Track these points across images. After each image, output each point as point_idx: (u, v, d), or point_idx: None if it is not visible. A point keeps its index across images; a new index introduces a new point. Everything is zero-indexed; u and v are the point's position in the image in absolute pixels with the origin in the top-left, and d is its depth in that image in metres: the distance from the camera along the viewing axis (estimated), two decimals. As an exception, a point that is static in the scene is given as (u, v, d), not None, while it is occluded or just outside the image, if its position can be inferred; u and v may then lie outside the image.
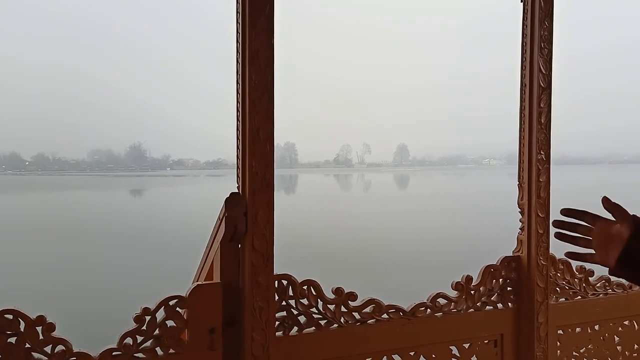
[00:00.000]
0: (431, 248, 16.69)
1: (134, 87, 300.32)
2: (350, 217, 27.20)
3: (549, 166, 2.53)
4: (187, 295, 1.81)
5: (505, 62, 2.95)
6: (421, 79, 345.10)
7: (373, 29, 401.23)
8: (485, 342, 2.44)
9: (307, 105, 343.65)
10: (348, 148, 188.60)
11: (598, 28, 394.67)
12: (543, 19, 2.43)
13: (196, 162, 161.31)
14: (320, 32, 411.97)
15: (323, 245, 17.54)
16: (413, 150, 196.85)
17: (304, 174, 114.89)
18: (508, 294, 2.51)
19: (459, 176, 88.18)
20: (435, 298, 2.34)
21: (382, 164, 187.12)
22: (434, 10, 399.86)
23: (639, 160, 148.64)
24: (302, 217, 26.42)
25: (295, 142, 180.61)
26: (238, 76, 1.86)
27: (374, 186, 67.93)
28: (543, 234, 2.51)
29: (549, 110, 2.50)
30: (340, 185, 73.56)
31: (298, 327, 2.01)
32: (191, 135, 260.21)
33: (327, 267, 12.88)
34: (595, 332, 2.72)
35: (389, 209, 31.05)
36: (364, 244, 18.18)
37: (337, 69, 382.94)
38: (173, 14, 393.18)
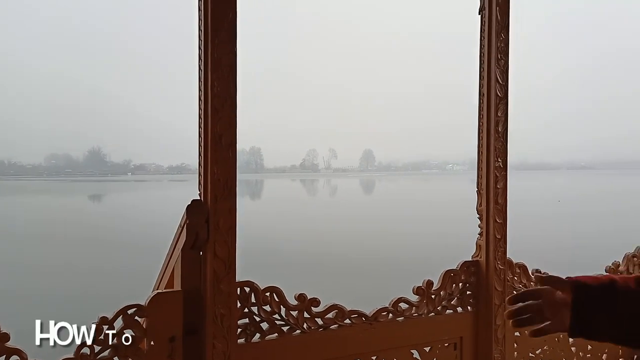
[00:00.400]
0: (395, 252, 16.88)
1: (94, 86, 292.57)
2: (317, 222, 27.25)
3: (506, 173, 2.61)
4: (146, 304, 1.78)
5: (469, 71, 3.07)
6: (388, 85, 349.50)
7: (342, 34, 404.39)
8: (445, 346, 2.49)
9: (273, 110, 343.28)
10: (314, 153, 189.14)
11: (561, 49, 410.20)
12: (499, 31, 2.51)
13: (159, 167, 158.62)
14: (288, 36, 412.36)
15: (289, 251, 17.50)
16: (379, 155, 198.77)
17: (270, 178, 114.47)
18: (467, 297, 2.57)
19: (424, 181, 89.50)
20: (397, 303, 2.37)
21: (349, 169, 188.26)
22: (402, 20, 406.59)
23: (593, 167, 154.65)
24: (268, 222, 26.32)
25: (261, 147, 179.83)
26: (200, 83, 1.86)
27: (340, 191, 68.28)
28: (501, 239, 2.58)
29: (506, 119, 2.58)
30: (307, 190, 73.64)
31: (260, 334, 2.01)
32: (154, 140, 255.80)
33: (293, 272, 12.85)
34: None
35: (355, 213, 31.26)
36: (330, 248, 18.22)
37: (304, 73, 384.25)
38: (136, 16, 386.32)
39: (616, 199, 30.58)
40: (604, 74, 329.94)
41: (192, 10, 1.90)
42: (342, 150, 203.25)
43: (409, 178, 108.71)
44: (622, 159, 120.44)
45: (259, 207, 40.28)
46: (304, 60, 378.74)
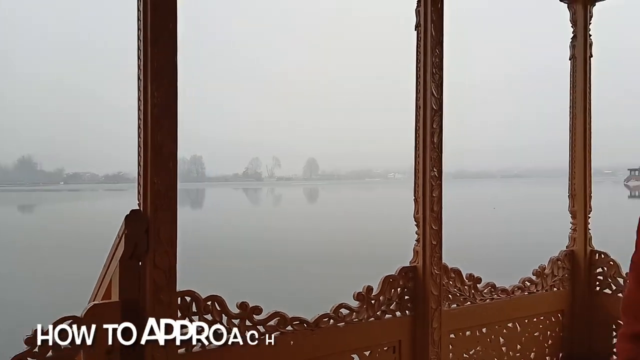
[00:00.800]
0: (338, 259, 17.05)
1: (22, 94, 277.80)
2: (260, 230, 27.04)
3: (441, 182, 2.73)
4: (82, 316, 1.74)
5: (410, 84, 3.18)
6: (332, 94, 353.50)
7: (282, 41, 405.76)
8: (384, 349, 2.56)
9: (215, 118, 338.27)
10: (257, 162, 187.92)
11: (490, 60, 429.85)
12: (434, 47, 2.63)
13: (94, 176, 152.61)
14: (229, 45, 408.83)
15: (232, 259, 17.28)
16: (322, 164, 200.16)
17: (211, 187, 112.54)
18: (405, 302, 2.66)
19: (367, 190, 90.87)
20: (337, 309, 2.42)
21: (292, 177, 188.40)
22: (350, 29, 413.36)
23: (526, 175, 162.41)
24: (210, 231, 25.87)
25: (203, 155, 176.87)
26: (140, 93, 1.84)
27: (284, 200, 68.12)
28: (436, 245, 2.70)
29: (441, 131, 2.70)
30: (250, 199, 72.95)
31: (201, 343, 2.00)
32: (89, 148, 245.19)
33: (236, 280, 12.72)
34: (483, 334, 2.95)
35: (299, 222, 31.30)
36: (274, 256, 18.18)
37: (245, 83, 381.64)
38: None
39: (543, 204, 32.21)
40: (529, 88, 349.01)
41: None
42: (286, 158, 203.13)
43: (353, 186, 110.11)
44: (543, 167, 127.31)
45: (200, 216, 39.50)
46: (245, 75, 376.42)
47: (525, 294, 3.14)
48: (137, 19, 1.84)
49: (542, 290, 3.22)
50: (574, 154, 3.39)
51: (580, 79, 3.33)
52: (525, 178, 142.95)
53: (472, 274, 2.92)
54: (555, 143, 17.58)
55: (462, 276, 2.87)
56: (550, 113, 46.76)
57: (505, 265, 6.24)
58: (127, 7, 4.91)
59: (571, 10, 3.32)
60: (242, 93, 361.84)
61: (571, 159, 3.41)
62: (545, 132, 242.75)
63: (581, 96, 3.34)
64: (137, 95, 1.86)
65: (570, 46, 3.35)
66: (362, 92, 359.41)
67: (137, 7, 1.84)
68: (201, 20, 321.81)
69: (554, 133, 29.37)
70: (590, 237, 3.40)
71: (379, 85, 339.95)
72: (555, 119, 21.24)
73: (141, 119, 1.86)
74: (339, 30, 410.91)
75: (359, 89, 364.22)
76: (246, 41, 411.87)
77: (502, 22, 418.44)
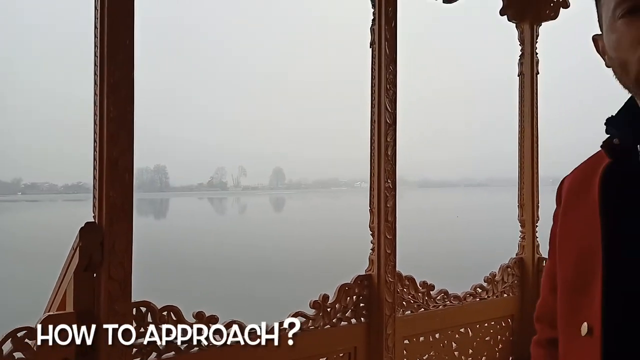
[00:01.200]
0: (301, 268, 17.12)
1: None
2: (225, 240, 26.82)
3: (395, 193, 2.83)
4: (36, 327, 1.75)
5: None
6: (298, 106, 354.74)
7: (249, 52, 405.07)
8: (340, 356, 2.63)
9: (179, 127, 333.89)
10: (223, 171, 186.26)
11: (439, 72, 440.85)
12: (388, 64, 2.74)
13: (53, 186, 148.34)
14: (194, 55, 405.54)
15: (192, 269, 17.09)
16: (289, 173, 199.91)
17: (175, 197, 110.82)
18: (361, 309, 2.74)
19: (333, 198, 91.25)
20: (294, 316, 2.48)
21: (258, 186, 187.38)
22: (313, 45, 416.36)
23: (488, 184, 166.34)
24: (172, 241, 25.49)
25: (166, 165, 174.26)
26: (95, 107, 1.87)
27: (250, 209, 67.69)
28: (391, 254, 2.79)
29: (395, 144, 2.81)
30: (215, 208, 72.17)
31: (157, 353, 2.02)
32: (47, 158, 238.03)
33: (195, 289, 12.60)
34: (436, 340, 3.06)
35: (265, 231, 31.18)
36: (238, 265, 18.10)
37: (210, 92, 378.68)
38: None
39: (499, 212, 33.13)
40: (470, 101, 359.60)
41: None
42: (252, 167, 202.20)
43: (319, 195, 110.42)
44: (502, 176, 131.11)
45: (164, 226, 38.86)
46: (209, 82, 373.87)
47: (476, 300, 3.27)
48: (94, 35, 1.87)
49: (493, 297, 3.36)
50: (522, 165, 3.57)
51: (527, 94, 3.51)
52: (487, 187, 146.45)
53: (426, 281, 3.03)
54: (511, 153, 18.34)
55: (416, 284, 2.97)
56: (504, 124, 49.28)
57: (462, 271, 6.42)
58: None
59: (519, 29, 3.51)
60: (210, 97, 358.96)
61: (520, 170, 3.58)
62: (501, 142, 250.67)
63: (529, 110, 3.52)
64: (92, 110, 1.89)
65: (518, 63, 3.54)
66: (331, 99, 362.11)
67: (94, 25, 1.88)
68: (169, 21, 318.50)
69: (510, 144, 30.53)
70: (538, 244, 3.57)
71: (349, 93, 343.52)
72: (510, 130, 22.00)
73: (97, 132, 1.89)
74: (308, 36, 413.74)
75: (327, 94, 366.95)
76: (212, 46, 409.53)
77: (458, 38, 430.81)
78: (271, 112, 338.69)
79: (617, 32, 0.82)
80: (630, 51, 0.80)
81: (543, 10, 3.41)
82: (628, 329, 0.77)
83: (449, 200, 73.81)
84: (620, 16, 0.82)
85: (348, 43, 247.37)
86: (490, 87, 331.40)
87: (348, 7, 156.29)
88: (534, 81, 3.50)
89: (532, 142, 3.52)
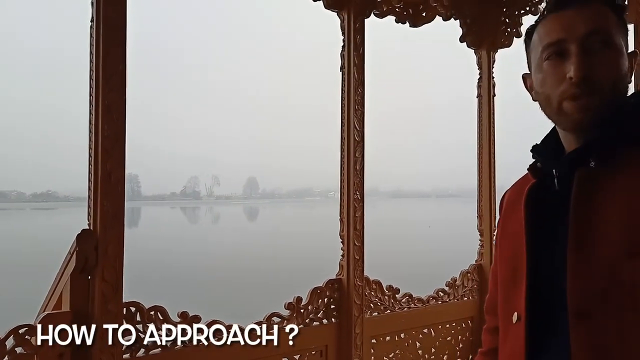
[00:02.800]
0: (274, 274, 17.28)
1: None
2: (197, 249, 26.71)
3: (363, 204, 3.08)
4: (36, 324, 1.93)
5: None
6: (272, 119, 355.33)
7: (225, 68, 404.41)
8: (312, 354, 2.86)
9: (153, 137, 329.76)
10: (196, 180, 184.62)
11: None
12: (357, 87, 3.01)
13: (21, 195, 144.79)
14: (171, 71, 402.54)
15: (167, 279, 17.04)
16: (262, 183, 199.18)
17: (147, 206, 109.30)
18: (332, 310, 2.98)
19: (307, 208, 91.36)
20: (270, 317, 2.70)
21: (232, 196, 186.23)
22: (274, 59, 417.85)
23: (459, 195, 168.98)
24: (146, 250, 25.27)
25: (139, 174, 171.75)
26: (91, 125, 2.07)
27: (223, 219, 67.27)
28: (359, 260, 3.04)
29: (363, 159, 3.06)
30: (188, 218, 71.47)
31: (145, 349, 2.22)
32: (15, 166, 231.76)
33: (170, 298, 12.60)
34: (401, 339, 3.31)
35: (238, 240, 31.15)
36: (214, 272, 18.13)
37: (185, 106, 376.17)
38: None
39: (462, 222, 33.90)
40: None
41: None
42: (226, 177, 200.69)
43: (293, 205, 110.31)
44: (468, 188, 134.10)
45: (136, 235, 38.38)
46: (183, 92, 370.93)
47: (439, 303, 3.53)
48: (89, 60, 2.08)
49: (454, 300, 3.63)
50: (481, 179, 3.86)
51: (485, 114, 3.82)
52: (458, 197, 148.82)
53: (392, 285, 3.28)
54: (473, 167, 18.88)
55: (383, 287, 3.22)
56: (467, 140, 50.29)
57: (429, 277, 6.73)
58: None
59: (477, 55, 3.82)
60: (185, 110, 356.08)
61: (479, 183, 3.88)
62: (465, 156, 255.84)
63: (486, 129, 3.83)
64: (88, 127, 2.09)
65: (477, 86, 3.85)
66: (306, 110, 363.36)
67: (90, 51, 2.09)
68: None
69: (472, 159, 31.47)
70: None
71: (322, 105, 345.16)
72: (473, 145, 22.72)
73: (92, 148, 2.09)
74: (283, 56, 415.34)
75: (303, 106, 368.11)
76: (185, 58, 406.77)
77: (426, 61, 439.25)
78: (246, 124, 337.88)
79: (543, 72, 0.99)
80: (553, 88, 0.97)
81: (498, 39, 3.73)
82: (542, 317, 0.97)
83: (421, 209, 74.83)
84: (546, 58, 0.98)
85: (320, 66, 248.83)
86: (455, 107, 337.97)
87: (320, 33, 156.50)
88: (491, 102, 3.81)
89: (489, 157, 3.82)
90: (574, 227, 0.93)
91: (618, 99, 0.96)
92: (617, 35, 0.97)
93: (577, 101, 0.95)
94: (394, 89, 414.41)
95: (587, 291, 0.89)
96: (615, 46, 0.96)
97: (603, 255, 0.89)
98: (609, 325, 0.87)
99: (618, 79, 0.96)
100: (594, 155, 0.95)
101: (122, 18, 2.12)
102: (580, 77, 0.93)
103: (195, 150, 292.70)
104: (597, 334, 0.88)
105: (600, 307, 0.88)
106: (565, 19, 0.97)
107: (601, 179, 0.94)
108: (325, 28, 3.80)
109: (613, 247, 0.88)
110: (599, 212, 0.91)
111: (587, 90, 0.94)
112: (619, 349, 0.86)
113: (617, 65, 0.95)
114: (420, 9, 3.44)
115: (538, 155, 1.08)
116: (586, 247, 0.91)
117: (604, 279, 0.88)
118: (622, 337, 0.86)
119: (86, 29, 2.10)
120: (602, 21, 0.96)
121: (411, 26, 3.49)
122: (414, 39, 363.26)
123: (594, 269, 0.89)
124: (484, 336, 1.30)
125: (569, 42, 0.96)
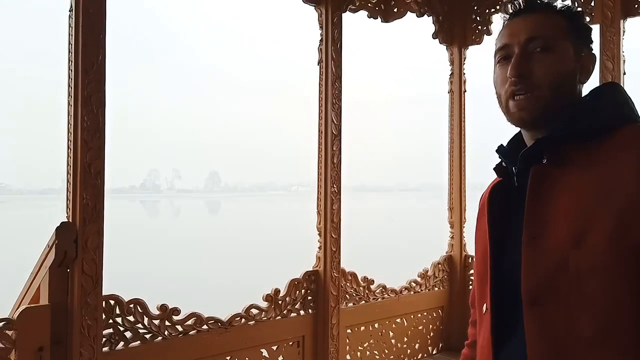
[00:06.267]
0: (250, 263, 17.24)
1: None
2: (158, 242, 26.28)
3: (340, 197, 3.12)
4: (15, 318, 1.88)
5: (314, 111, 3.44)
6: (235, 113, 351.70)
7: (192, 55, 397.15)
8: (290, 344, 2.89)
9: (110, 126, 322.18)
10: (156, 173, 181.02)
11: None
12: (334, 81, 3.03)
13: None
14: (134, 61, 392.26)
15: (128, 274, 16.71)
16: (225, 176, 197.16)
17: (106, 200, 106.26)
18: (309, 302, 3.01)
19: (269, 202, 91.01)
20: (249, 309, 2.72)
21: (193, 190, 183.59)
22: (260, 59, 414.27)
23: (420, 189, 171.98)
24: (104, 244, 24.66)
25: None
26: (70, 117, 2.03)
27: (184, 212, 66.26)
28: (336, 252, 3.08)
29: (340, 152, 3.09)
30: (148, 211, 70.06)
31: (124, 342, 2.20)
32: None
33: (130, 294, 12.38)
34: (375, 329, 3.38)
35: (199, 234, 30.78)
36: (182, 263, 17.94)
37: (145, 93, 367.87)
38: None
39: (430, 215, 34.65)
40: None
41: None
42: (187, 170, 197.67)
43: (256, 199, 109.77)
44: (435, 181, 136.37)
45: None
46: (149, 82, 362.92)
47: (411, 294, 3.62)
48: (67, 51, 2.03)
49: (426, 290, 3.73)
50: (451, 172, 3.97)
51: (456, 109, 3.92)
52: (421, 191, 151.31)
53: (367, 276, 3.34)
54: (442, 160, 19.12)
55: (358, 279, 3.28)
56: (437, 135, 50.49)
57: (399, 268, 6.86)
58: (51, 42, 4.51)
59: (449, 51, 3.91)
60: (139, 104, 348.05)
61: (449, 177, 3.98)
62: (434, 151, 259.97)
63: (457, 123, 3.93)
64: (66, 119, 2.04)
65: (448, 82, 3.94)
66: (271, 104, 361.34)
67: (69, 41, 2.04)
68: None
69: (441, 152, 31.75)
70: (465, 243, 3.97)
71: (287, 99, 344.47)
72: (441, 139, 22.88)
73: (71, 140, 2.05)
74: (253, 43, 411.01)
75: (268, 100, 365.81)
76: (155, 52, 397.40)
77: (401, 54, 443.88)
78: (207, 114, 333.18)
79: (495, 74, 1.08)
80: (501, 88, 1.05)
81: (469, 36, 3.83)
82: (504, 308, 1.03)
83: (384, 203, 75.79)
84: (497, 62, 1.08)
85: (298, 58, 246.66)
86: (425, 102, 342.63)
87: (297, 26, 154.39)
88: (462, 98, 3.91)
89: (460, 151, 3.93)
90: (527, 221, 0.98)
91: (561, 98, 1.02)
92: (561, 39, 1.02)
93: (516, 99, 1.02)
94: (363, 82, 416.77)
95: (539, 280, 0.95)
96: (556, 49, 1.02)
97: (552, 247, 0.94)
98: (558, 312, 0.93)
99: (557, 79, 1.01)
100: (546, 152, 1.00)
101: (102, 7, 2.08)
102: (515, 75, 1.01)
103: (156, 143, 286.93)
104: (548, 321, 0.93)
105: (550, 295, 0.94)
106: (514, 27, 1.05)
107: (553, 175, 0.99)
108: (304, 22, 3.74)
109: (562, 239, 0.93)
110: (550, 206, 0.96)
111: (523, 87, 1.01)
112: (568, 333, 0.92)
113: (555, 66, 1.01)
114: (392, 5, 3.49)
115: (501, 155, 1.14)
116: (538, 240, 0.96)
117: (553, 269, 0.93)
118: (571, 321, 0.92)
119: (65, 19, 2.05)
120: (542, 28, 1.02)
121: (383, 21, 3.54)
122: (388, 35, 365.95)
123: (545, 259, 0.94)
124: (469, 329, 1.37)
125: (513, 47, 1.03)
